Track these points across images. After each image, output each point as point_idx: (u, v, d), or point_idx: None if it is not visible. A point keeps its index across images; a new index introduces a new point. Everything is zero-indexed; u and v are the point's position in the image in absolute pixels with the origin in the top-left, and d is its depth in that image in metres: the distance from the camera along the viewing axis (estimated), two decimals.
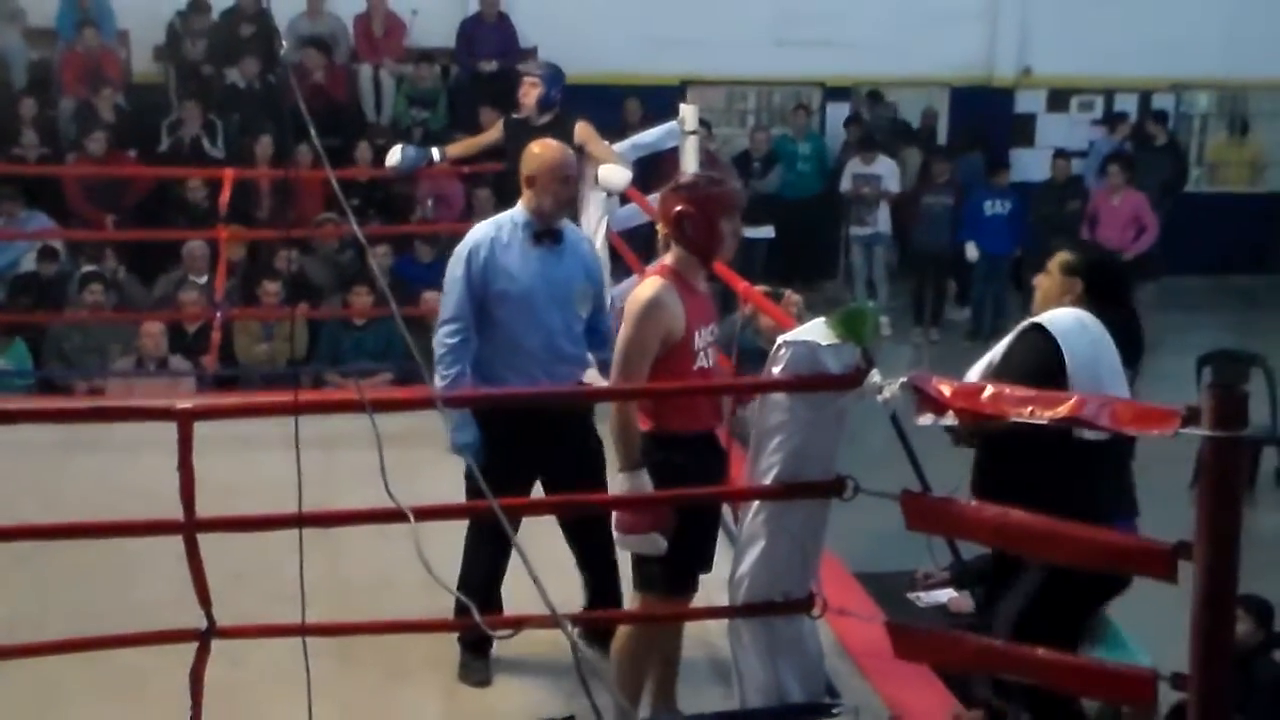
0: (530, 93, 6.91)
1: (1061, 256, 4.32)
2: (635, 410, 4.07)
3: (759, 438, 3.91)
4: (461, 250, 4.70)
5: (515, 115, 7.07)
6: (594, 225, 7.07)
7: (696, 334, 4.14)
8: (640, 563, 4.21)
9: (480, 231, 4.76)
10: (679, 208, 4.14)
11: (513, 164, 6.84)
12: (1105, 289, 4.28)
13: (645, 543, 4.08)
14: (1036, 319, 4.17)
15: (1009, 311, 12.61)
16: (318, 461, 3.42)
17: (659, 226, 4.26)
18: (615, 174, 6.72)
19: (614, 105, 12.29)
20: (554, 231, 4.78)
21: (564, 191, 4.78)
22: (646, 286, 4.12)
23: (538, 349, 4.72)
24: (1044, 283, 4.33)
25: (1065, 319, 4.15)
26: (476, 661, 4.81)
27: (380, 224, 10.89)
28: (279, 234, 9.72)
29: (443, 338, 4.66)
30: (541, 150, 4.83)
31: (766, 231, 13.13)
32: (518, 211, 4.79)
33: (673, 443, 4.14)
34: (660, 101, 10.47)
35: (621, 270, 7.28)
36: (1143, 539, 3.13)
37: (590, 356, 4.92)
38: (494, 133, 7.30)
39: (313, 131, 3.01)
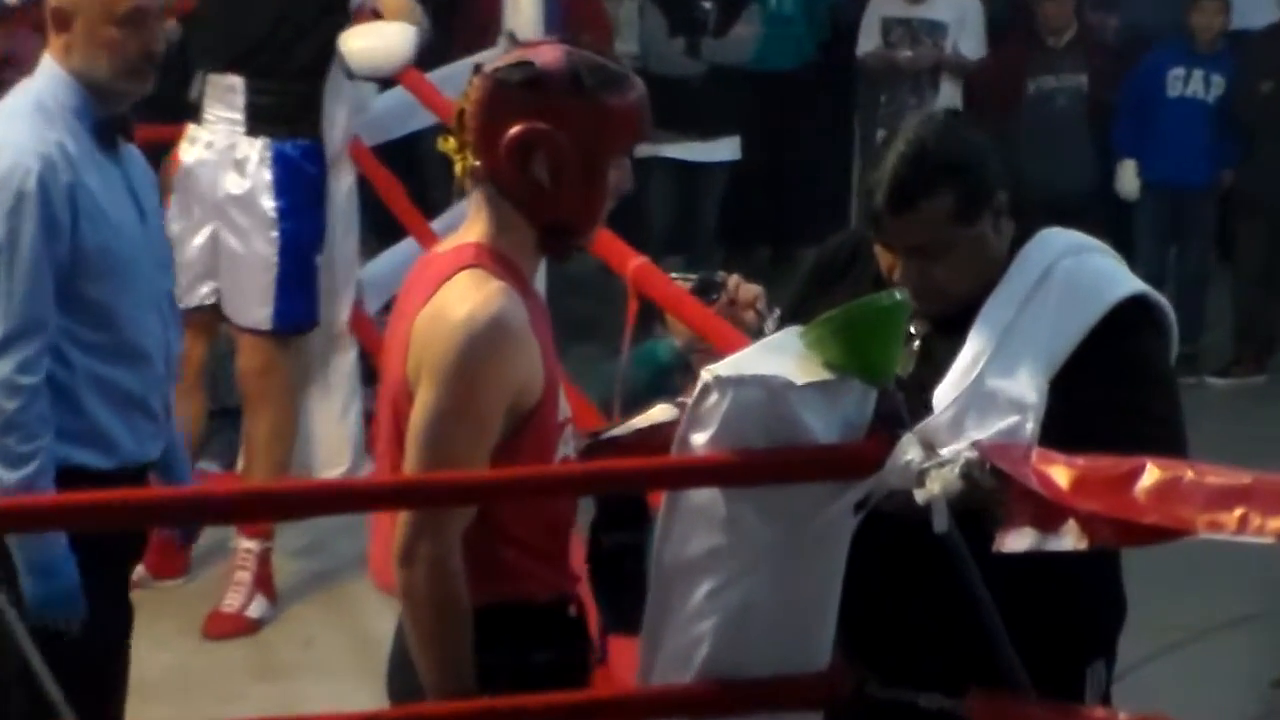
0: None
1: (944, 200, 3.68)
2: (457, 566, 3.57)
3: (666, 580, 3.51)
4: (19, 177, 4.36)
5: None
6: (338, 134, 6.93)
7: (560, 394, 3.78)
8: None
9: (30, 134, 4.42)
10: (525, 124, 3.46)
11: (207, 10, 7.05)
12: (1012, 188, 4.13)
13: None
14: (1133, 289, 3.75)
15: (1207, 297, 11.19)
16: None
17: (457, 154, 3.66)
18: (387, 41, 6.70)
19: None
20: (123, 121, 4.65)
21: (133, 42, 4.51)
22: (477, 299, 3.52)
23: (154, 350, 4.60)
24: (961, 247, 3.72)
25: (1120, 267, 3.95)
26: None
27: None
28: None
29: (12, 375, 4.33)
30: None
31: (726, 150, 11.18)
32: (52, 89, 4.53)
33: (530, 623, 3.64)
34: None
35: (385, 230, 7.46)
36: None
37: None
38: None
39: None
